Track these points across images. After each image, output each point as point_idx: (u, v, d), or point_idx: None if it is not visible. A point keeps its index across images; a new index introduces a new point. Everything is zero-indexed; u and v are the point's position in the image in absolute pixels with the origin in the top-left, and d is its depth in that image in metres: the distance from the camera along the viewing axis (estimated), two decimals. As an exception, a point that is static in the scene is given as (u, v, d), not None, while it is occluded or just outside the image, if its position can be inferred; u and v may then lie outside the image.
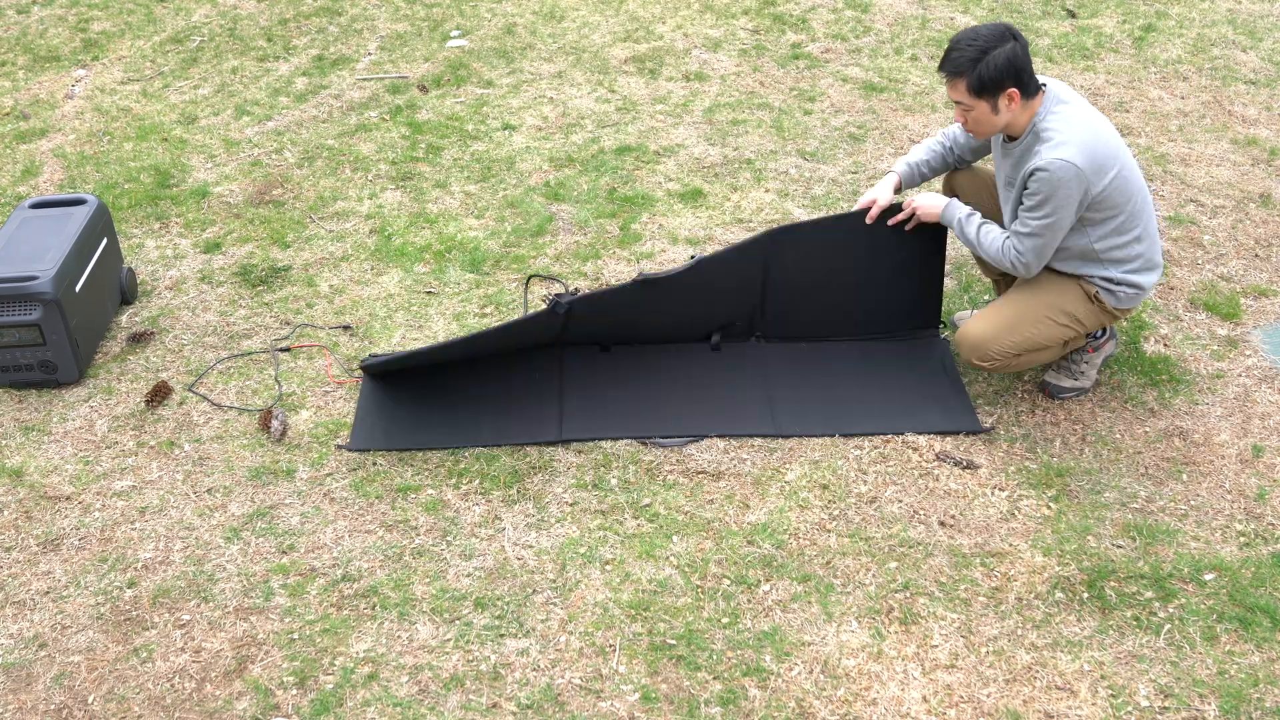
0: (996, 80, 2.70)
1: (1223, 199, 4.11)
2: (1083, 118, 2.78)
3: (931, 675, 2.37)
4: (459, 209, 4.09)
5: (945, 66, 2.75)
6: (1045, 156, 2.71)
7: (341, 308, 3.56)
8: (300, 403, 3.17)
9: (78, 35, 5.66)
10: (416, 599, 2.55)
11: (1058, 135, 2.73)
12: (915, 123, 4.67)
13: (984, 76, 2.69)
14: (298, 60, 5.35)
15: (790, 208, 4.06)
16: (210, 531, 2.75)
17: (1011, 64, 2.69)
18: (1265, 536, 2.70)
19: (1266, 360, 3.29)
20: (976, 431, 3.01)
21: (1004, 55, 2.68)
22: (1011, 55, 2.69)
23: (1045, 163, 2.70)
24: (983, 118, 2.78)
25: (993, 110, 2.75)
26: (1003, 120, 2.78)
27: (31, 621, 2.52)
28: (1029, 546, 2.67)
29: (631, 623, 2.49)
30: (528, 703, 2.32)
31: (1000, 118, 2.77)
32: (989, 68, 2.68)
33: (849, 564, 2.63)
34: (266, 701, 2.33)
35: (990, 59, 2.68)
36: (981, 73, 2.69)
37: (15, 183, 4.32)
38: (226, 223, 4.03)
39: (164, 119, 4.81)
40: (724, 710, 2.29)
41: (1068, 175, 2.69)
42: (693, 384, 3.18)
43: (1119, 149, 2.80)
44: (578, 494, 2.83)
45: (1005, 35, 2.70)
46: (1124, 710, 2.29)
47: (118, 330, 3.48)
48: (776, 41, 5.45)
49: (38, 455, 3.00)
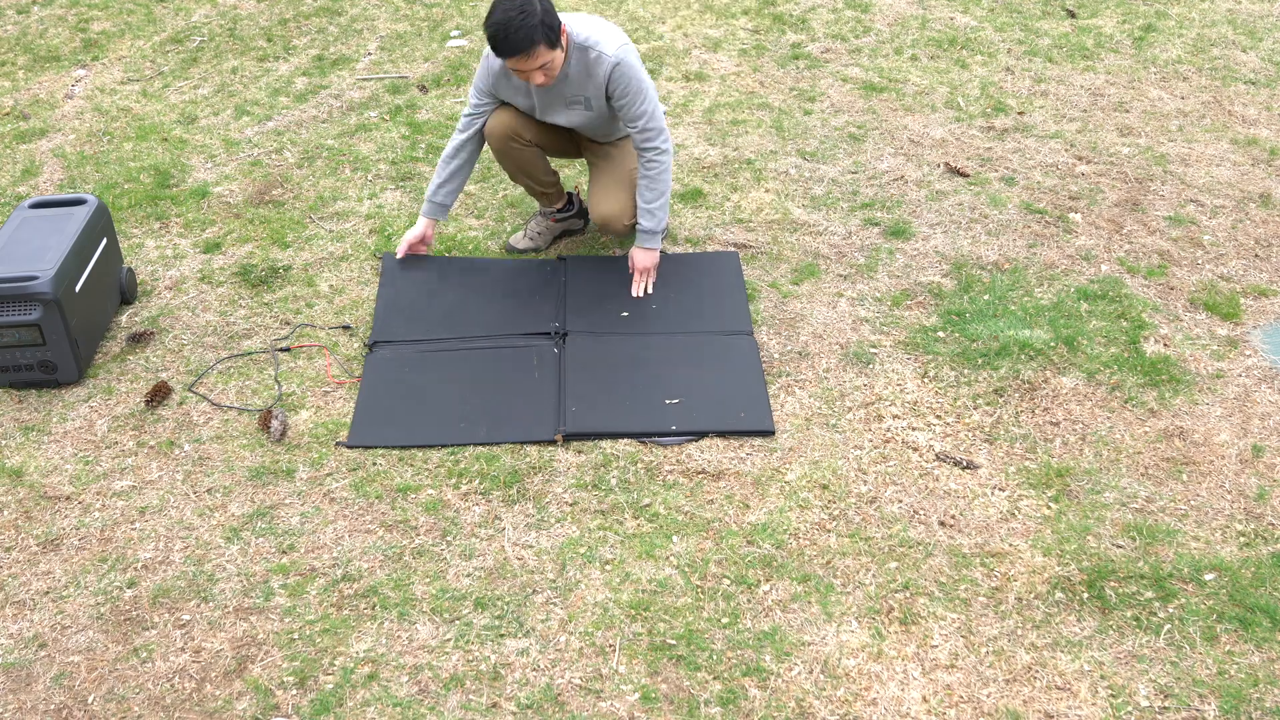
0: (556, 25, 3.04)
1: (1223, 199, 4.11)
2: (581, 17, 3.23)
3: (931, 675, 2.37)
4: (459, 209, 4.09)
5: (518, 46, 2.98)
6: (608, 56, 3.15)
7: (341, 308, 3.56)
8: (300, 403, 3.17)
9: (78, 35, 5.66)
10: (416, 599, 2.55)
11: (594, 36, 3.16)
12: (915, 123, 4.67)
13: (550, 27, 3.01)
14: (298, 60, 5.35)
15: (790, 207, 4.06)
16: (210, 531, 2.75)
17: (549, 10, 3.02)
18: (1265, 536, 2.70)
19: (1266, 360, 3.29)
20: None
21: (545, 4, 3.01)
22: (543, 3, 3.01)
23: (613, 58, 3.15)
24: (557, 62, 3.12)
25: (562, 50, 3.11)
26: (563, 55, 3.13)
27: (31, 621, 2.52)
28: (1029, 546, 2.67)
29: (631, 623, 2.49)
30: (528, 703, 2.32)
31: (561, 54, 3.12)
32: (550, 17, 3.01)
33: (849, 564, 2.63)
34: (266, 701, 2.33)
35: (544, 13, 2.99)
36: (548, 23, 3.00)
37: (15, 183, 4.32)
38: (226, 223, 4.03)
39: (164, 119, 4.81)
40: (724, 710, 2.29)
41: (631, 57, 3.20)
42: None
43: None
44: (578, 494, 2.83)
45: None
46: (1124, 710, 2.29)
47: (118, 330, 3.48)
48: (776, 41, 5.45)
49: (38, 455, 3.00)
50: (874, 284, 3.65)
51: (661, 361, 3.22)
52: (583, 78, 3.22)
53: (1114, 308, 3.51)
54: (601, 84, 3.21)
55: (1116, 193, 4.17)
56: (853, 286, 3.64)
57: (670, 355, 3.25)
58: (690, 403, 3.06)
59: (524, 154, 3.50)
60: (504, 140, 3.45)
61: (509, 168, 3.59)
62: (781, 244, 3.85)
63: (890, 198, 4.14)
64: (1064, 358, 3.29)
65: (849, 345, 3.36)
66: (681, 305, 3.45)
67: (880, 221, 3.99)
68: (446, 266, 3.67)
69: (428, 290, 3.53)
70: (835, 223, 3.98)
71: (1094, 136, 4.57)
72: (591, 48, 3.16)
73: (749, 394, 3.10)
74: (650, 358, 3.23)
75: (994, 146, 4.50)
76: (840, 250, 3.83)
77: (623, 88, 3.20)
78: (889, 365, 3.28)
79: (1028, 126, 4.66)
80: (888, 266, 3.74)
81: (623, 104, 3.25)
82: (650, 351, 3.26)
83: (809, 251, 3.81)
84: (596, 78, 3.20)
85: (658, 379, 3.15)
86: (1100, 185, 4.22)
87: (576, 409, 3.03)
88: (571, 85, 3.25)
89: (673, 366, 3.20)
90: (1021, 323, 3.43)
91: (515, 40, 2.98)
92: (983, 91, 4.96)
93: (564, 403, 3.05)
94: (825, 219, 4.00)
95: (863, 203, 4.10)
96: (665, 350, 3.27)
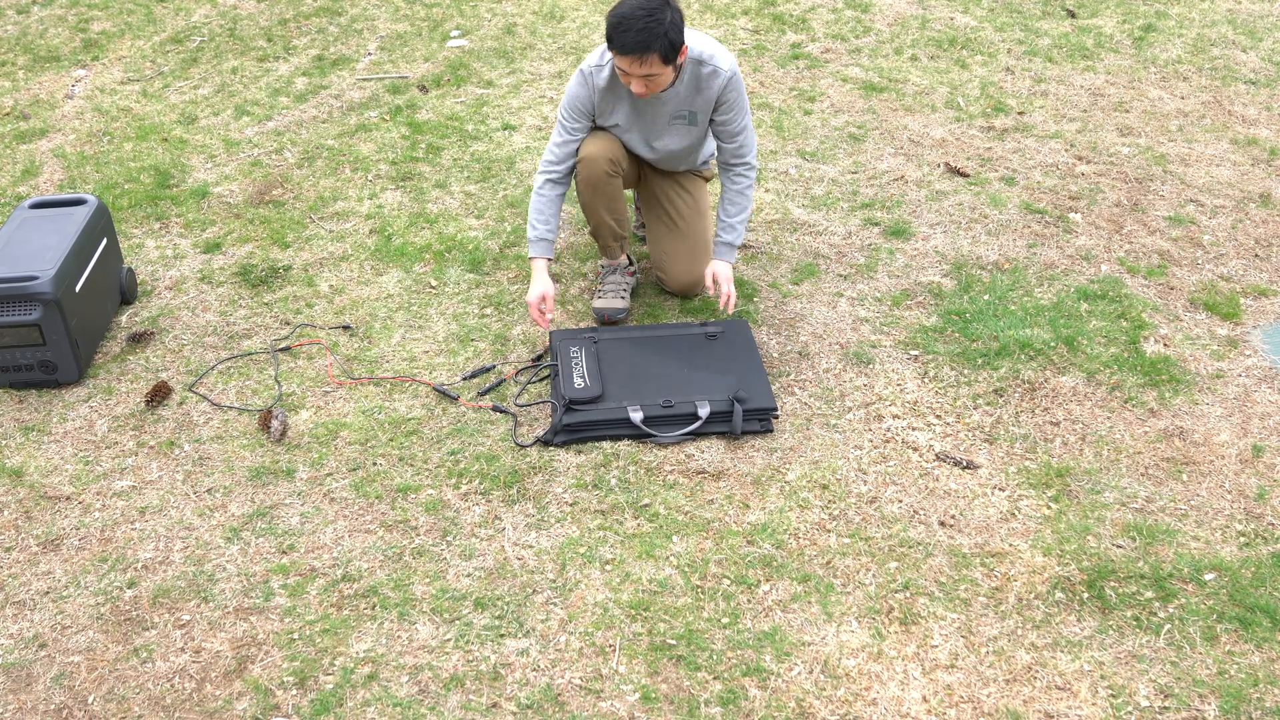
0: (678, 44, 2.95)
1: (1223, 199, 4.11)
2: (697, 34, 3.15)
3: (931, 675, 2.37)
4: (459, 209, 4.09)
5: (634, 44, 2.89)
6: (723, 69, 3.10)
7: (341, 308, 3.56)
8: (300, 403, 3.17)
9: (78, 35, 5.66)
10: (416, 599, 2.55)
11: (709, 50, 3.11)
12: (915, 123, 4.67)
13: (673, 43, 2.92)
14: (298, 60, 5.35)
15: (790, 207, 4.06)
16: (210, 531, 2.75)
17: (680, 22, 2.94)
18: (1265, 536, 2.70)
19: (1266, 360, 3.29)
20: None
21: (677, 15, 2.93)
22: (675, 12, 2.93)
23: (728, 71, 3.10)
24: (665, 79, 3.04)
25: (674, 70, 3.04)
26: (673, 74, 3.06)
27: (31, 621, 2.52)
28: (1029, 546, 2.67)
29: (631, 623, 2.49)
30: (528, 703, 2.32)
31: (672, 73, 3.05)
32: (675, 33, 2.92)
33: (849, 564, 2.63)
34: (266, 701, 2.33)
35: (670, 27, 2.90)
36: (671, 38, 2.91)
37: (15, 183, 4.32)
38: (226, 223, 4.03)
39: (164, 119, 4.81)
40: (724, 710, 2.29)
41: (740, 75, 3.17)
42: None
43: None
44: (578, 494, 2.83)
45: (663, 4, 2.91)
46: (1124, 710, 2.29)
47: (118, 330, 3.48)
48: (776, 41, 5.45)
49: (38, 455, 3.00)
50: (874, 284, 3.65)
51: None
52: (692, 93, 3.15)
53: (1114, 308, 3.51)
54: (712, 98, 3.14)
55: (1116, 193, 4.17)
56: (853, 286, 3.64)
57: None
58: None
59: (615, 186, 3.30)
60: (603, 168, 3.23)
61: (598, 202, 3.31)
62: (781, 244, 3.85)
63: (890, 198, 4.14)
64: (1064, 358, 3.29)
65: (849, 345, 3.36)
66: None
67: (880, 221, 3.99)
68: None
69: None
70: (835, 223, 3.98)
71: (1094, 136, 4.57)
72: (706, 61, 3.09)
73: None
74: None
75: (994, 146, 4.50)
76: (840, 250, 3.83)
77: (732, 100, 3.15)
78: (889, 365, 3.28)
79: (1028, 126, 4.66)
80: (888, 266, 3.74)
81: (728, 118, 3.19)
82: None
83: (809, 251, 3.82)
84: (708, 91, 3.13)
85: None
86: (1100, 185, 4.22)
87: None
88: (679, 100, 3.17)
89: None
90: (1021, 323, 3.43)
91: (635, 38, 2.87)
92: (983, 91, 4.96)
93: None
94: (825, 219, 4.00)
95: (863, 203, 4.11)
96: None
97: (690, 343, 3.25)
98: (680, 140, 3.29)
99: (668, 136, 3.28)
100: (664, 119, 3.23)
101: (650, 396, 3.04)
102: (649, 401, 3.02)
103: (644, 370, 3.14)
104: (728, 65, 3.11)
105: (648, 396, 3.04)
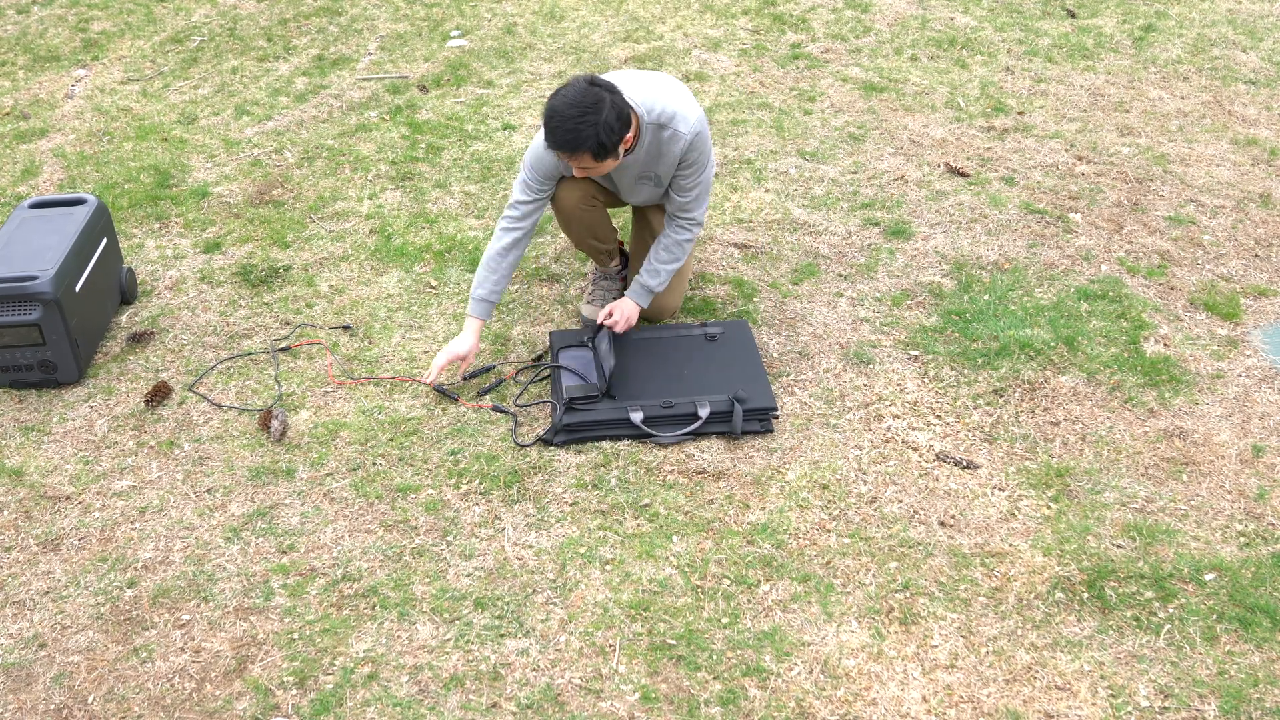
0: (613, 141, 2.80)
1: (1223, 199, 4.11)
2: (656, 85, 3.01)
3: (931, 675, 2.37)
4: (459, 209, 4.09)
5: (563, 144, 2.78)
6: (683, 134, 2.97)
7: (341, 308, 3.56)
8: (300, 403, 3.17)
9: (78, 35, 5.66)
10: (416, 599, 2.55)
11: (670, 109, 2.96)
12: (915, 123, 4.67)
13: (604, 144, 2.78)
14: (298, 60, 5.35)
15: (790, 207, 4.06)
16: (210, 531, 2.75)
17: (621, 115, 2.80)
18: (1265, 536, 2.70)
19: (1266, 360, 3.29)
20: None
21: (612, 114, 2.76)
22: (615, 107, 2.77)
23: (689, 134, 2.97)
24: (604, 169, 2.92)
25: (618, 158, 2.89)
26: (615, 162, 2.91)
27: (31, 621, 2.52)
28: (1029, 546, 2.67)
29: (631, 623, 2.49)
30: (528, 703, 2.32)
31: (613, 162, 2.90)
32: (609, 134, 2.77)
33: (849, 564, 2.63)
34: (266, 701, 2.33)
35: (605, 129, 2.75)
36: (604, 140, 2.77)
37: (15, 183, 4.32)
38: (226, 223, 4.03)
39: (164, 119, 4.81)
40: (724, 710, 2.29)
41: (705, 130, 3.05)
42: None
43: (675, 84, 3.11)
44: (578, 494, 2.83)
45: (598, 96, 2.76)
46: (1124, 710, 2.29)
47: (118, 330, 3.48)
48: (776, 41, 5.45)
49: (38, 455, 3.00)
50: (874, 284, 3.65)
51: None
52: (654, 158, 3.05)
53: (1114, 308, 3.51)
54: (674, 161, 3.04)
55: (1116, 193, 4.17)
56: (853, 286, 3.64)
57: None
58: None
59: (594, 215, 3.30)
60: (578, 205, 3.24)
61: (579, 232, 3.34)
62: (781, 244, 3.85)
63: (890, 198, 4.14)
64: (1064, 358, 3.29)
65: (849, 345, 3.36)
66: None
67: (880, 221, 3.99)
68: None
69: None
70: (835, 223, 3.98)
71: (1094, 136, 4.57)
72: (667, 125, 2.97)
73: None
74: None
75: (994, 146, 4.50)
76: (840, 250, 3.83)
77: (693, 159, 3.05)
78: (889, 365, 3.28)
79: (1028, 126, 4.66)
80: (888, 266, 3.74)
81: (685, 172, 3.09)
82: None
83: (809, 251, 3.82)
84: (669, 156, 3.03)
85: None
86: (1100, 185, 4.22)
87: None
88: (641, 165, 3.08)
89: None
90: (1021, 323, 3.43)
91: (564, 137, 2.77)
92: (983, 91, 4.96)
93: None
94: (825, 219, 4.00)
95: (863, 203, 4.10)
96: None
97: (690, 343, 3.25)
98: (651, 194, 3.23)
99: (637, 193, 3.23)
100: (629, 180, 3.15)
101: (650, 397, 3.04)
102: (649, 401, 3.02)
103: (644, 371, 3.15)
104: (687, 128, 2.98)
105: (648, 397, 3.04)
